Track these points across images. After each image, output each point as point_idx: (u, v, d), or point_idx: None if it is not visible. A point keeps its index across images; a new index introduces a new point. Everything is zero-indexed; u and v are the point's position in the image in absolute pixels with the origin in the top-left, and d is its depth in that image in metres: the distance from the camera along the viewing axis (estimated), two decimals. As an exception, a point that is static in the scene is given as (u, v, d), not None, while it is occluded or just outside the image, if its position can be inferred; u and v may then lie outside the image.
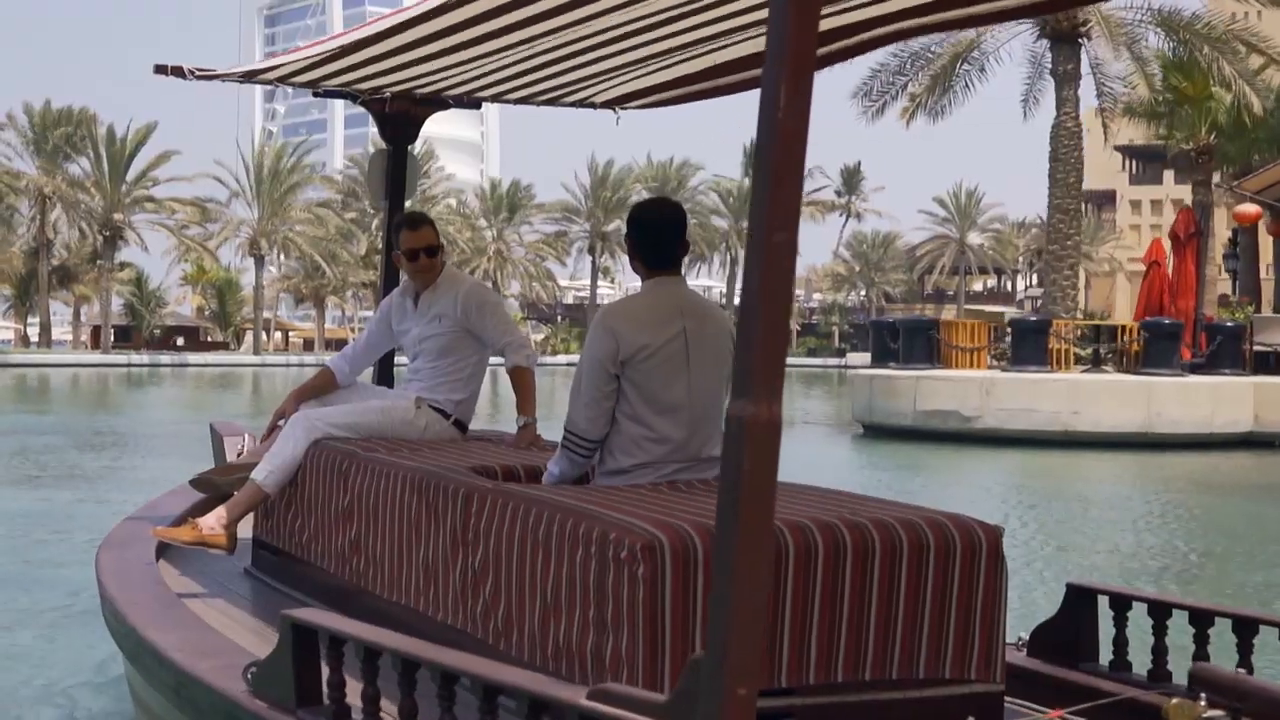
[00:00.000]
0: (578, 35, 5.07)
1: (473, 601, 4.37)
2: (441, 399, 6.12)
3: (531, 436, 6.00)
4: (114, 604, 5.14)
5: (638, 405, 4.49)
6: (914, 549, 3.89)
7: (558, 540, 3.92)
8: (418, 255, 6.12)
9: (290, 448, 5.82)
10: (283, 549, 5.92)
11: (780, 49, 2.38)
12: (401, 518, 4.89)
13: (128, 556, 5.88)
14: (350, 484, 5.30)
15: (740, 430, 2.38)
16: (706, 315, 4.66)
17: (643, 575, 3.59)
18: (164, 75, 6.20)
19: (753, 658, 2.40)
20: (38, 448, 21.67)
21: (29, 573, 10.62)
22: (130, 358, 72.75)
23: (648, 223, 4.66)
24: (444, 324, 6.10)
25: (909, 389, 26.89)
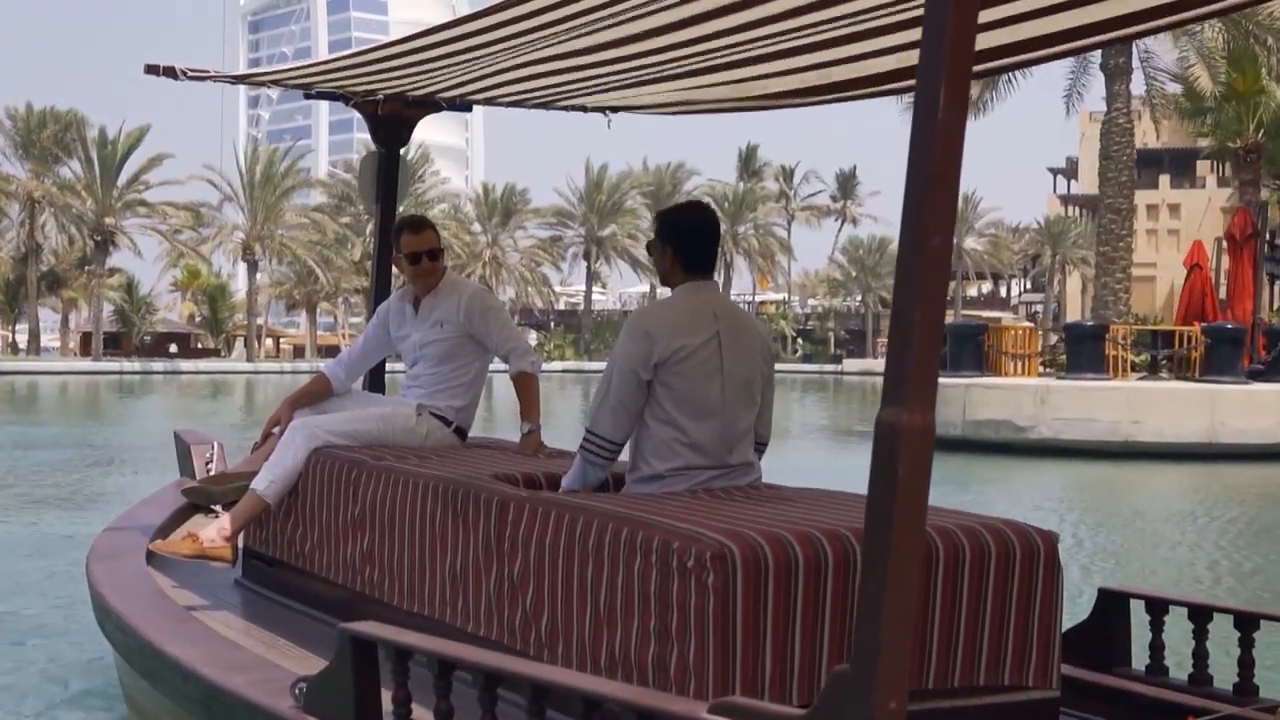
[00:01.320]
0: (571, 42, 5.06)
1: (510, 612, 4.32)
2: (442, 406, 6.03)
3: (536, 443, 5.93)
4: (121, 618, 5.02)
5: (671, 409, 4.47)
6: (975, 555, 3.90)
7: (611, 549, 3.88)
8: (420, 258, 6.03)
9: (291, 456, 5.70)
10: (280, 559, 5.82)
11: (939, 49, 2.36)
12: (424, 527, 4.82)
13: (122, 569, 5.77)
14: (361, 493, 5.22)
15: (895, 437, 2.36)
16: (739, 320, 4.65)
17: (713, 584, 3.55)
18: (155, 75, 6.13)
19: (903, 670, 2.36)
20: (36, 465, 20.36)
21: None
22: (122, 365, 72.45)
23: (687, 226, 4.66)
24: (446, 329, 6.01)
25: (958, 398, 25.62)
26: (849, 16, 4.52)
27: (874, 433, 2.39)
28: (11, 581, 10.51)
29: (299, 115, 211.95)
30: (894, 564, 2.36)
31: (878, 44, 4.92)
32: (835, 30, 4.73)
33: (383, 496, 5.09)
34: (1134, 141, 33.36)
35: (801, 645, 3.66)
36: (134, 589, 5.42)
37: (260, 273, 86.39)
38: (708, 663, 3.57)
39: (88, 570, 5.87)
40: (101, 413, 37.25)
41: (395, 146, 6.85)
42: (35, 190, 75.01)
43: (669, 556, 3.67)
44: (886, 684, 2.35)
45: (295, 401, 6.12)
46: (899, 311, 2.40)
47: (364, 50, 5.62)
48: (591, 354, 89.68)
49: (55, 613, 9.22)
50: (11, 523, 14.05)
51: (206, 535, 5.73)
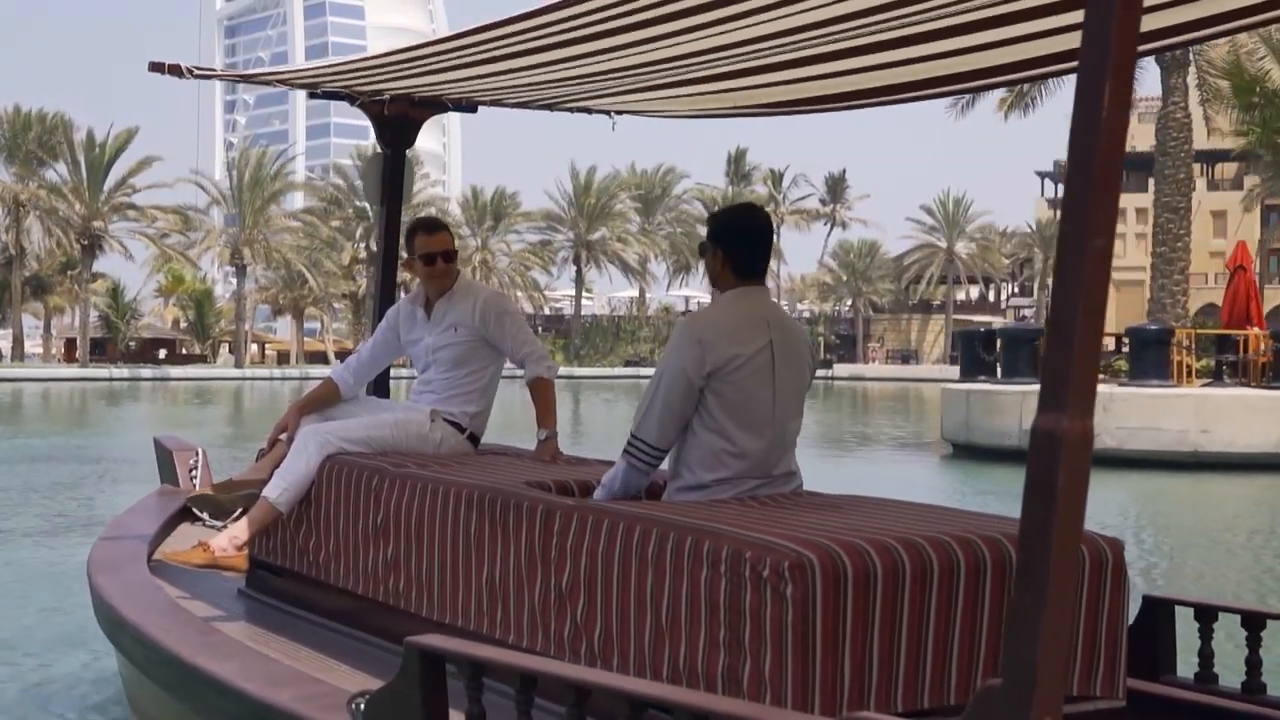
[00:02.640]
0: (581, 51, 5.07)
1: (558, 623, 4.24)
2: (456, 411, 5.93)
3: (553, 450, 5.84)
4: (141, 630, 4.91)
5: (721, 418, 4.40)
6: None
7: (674, 558, 3.82)
8: (434, 260, 5.94)
9: (303, 463, 5.59)
10: (290, 568, 5.71)
11: (1103, 43, 2.30)
12: (456, 536, 4.74)
13: (129, 579, 5.68)
14: (383, 500, 5.12)
15: (1054, 445, 2.30)
16: (790, 328, 4.59)
17: (791, 595, 3.51)
18: (160, 73, 6.02)
19: (1059, 685, 2.31)
20: (48, 482, 18.85)
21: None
22: (111, 371, 71.74)
23: (739, 229, 4.59)
24: (460, 333, 5.91)
25: (1014, 405, 24.53)
26: (858, 28, 4.50)
27: (1030, 440, 2.34)
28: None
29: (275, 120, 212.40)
30: (1052, 576, 2.30)
31: (881, 58, 4.93)
32: (845, 41, 4.72)
33: (408, 504, 5.00)
34: (1192, 137, 32.25)
35: (880, 656, 3.62)
36: (147, 600, 5.32)
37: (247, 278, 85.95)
38: (785, 675, 3.52)
39: (93, 582, 5.77)
40: (98, 422, 36.50)
41: (401, 147, 6.76)
42: (21, 193, 74.43)
43: (740, 566, 3.61)
44: (1043, 700, 2.30)
45: (303, 408, 6.00)
46: (1058, 315, 2.35)
47: (374, 55, 5.59)
48: (581, 359, 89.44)
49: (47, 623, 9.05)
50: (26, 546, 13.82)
51: (218, 545, 5.63)
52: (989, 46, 4.67)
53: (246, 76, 6.12)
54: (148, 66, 6.06)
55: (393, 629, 5.04)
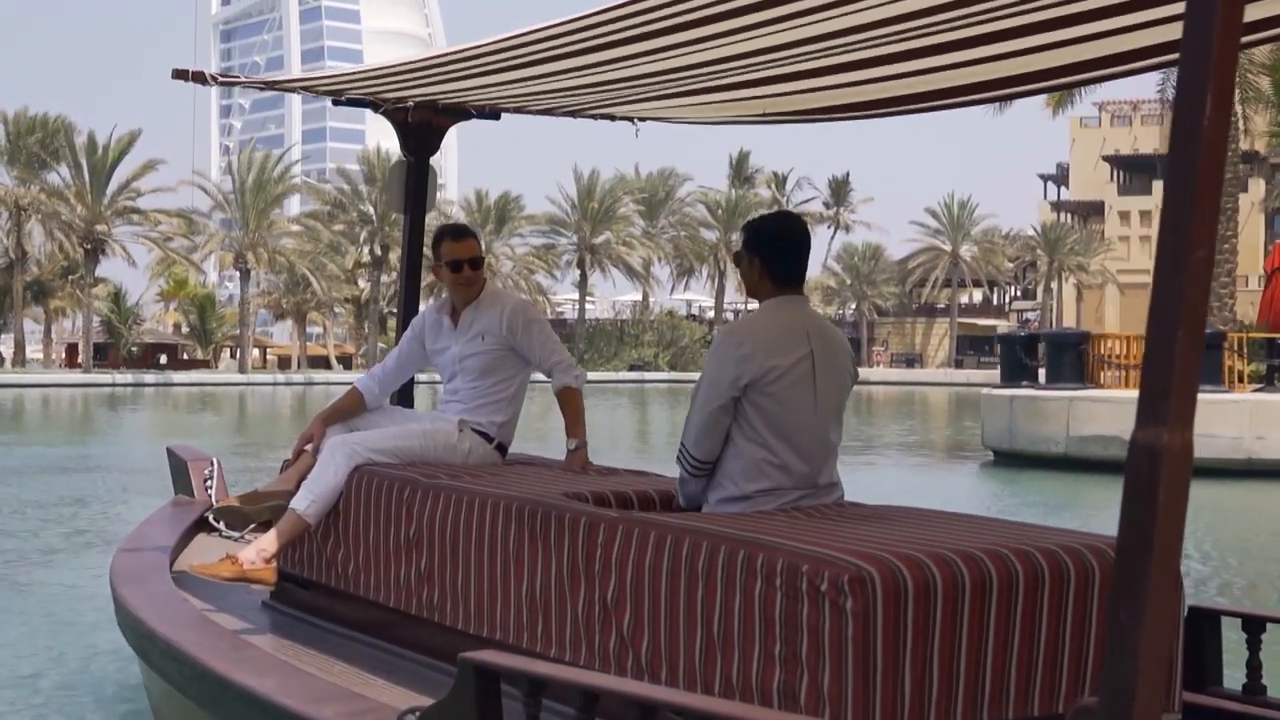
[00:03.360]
0: (606, 58, 5.07)
1: (603, 636, 4.20)
2: (484, 421, 5.87)
3: (583, 460, 5.78)
4: (174, 645, 4.84)
5: (761, 429, 4.36)
6: (1103, 574, 3.85)
7: (726, 571, 3.78)
8: (461, 266, 5.88)
9: (331, 474, 5.53)
10: (316, 581, 5.67)
11: (1204, 49, 2.26)
12: (494, 548, 4.69)
13: (155, 592, 5.62)
14: (416, 512, 5.07)
15: (1154, 460, 2.27)
16: (830, 336, 4.54)
17: (851, 609, 3.47)
18: (184, 80, 5.97)
19: (1157, 705, 2.29)
20: (56, 497, 17.89)
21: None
22: (114, 377, 71.20)
23: (774, 236, 4.54)
24: (487, 342, 5.85)
25: (1060, 411, 24.06)
26: (879, 37, 4.47)
27: (1129, 454, 2.30)
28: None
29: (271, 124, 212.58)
30: (1150, 593, 2.28)
31: (902, 67, 4.91)
32: (864, 51, 4.69)
33: (442, 516, 4.95)
34: (1238, 136, 32.06)
35: (939, 671, 3.58)
36: (176, 613, 5.26)
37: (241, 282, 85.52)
38: (845, 690, 3.48)
39: (117, 594, 5.71)
40: (107, 430, 35.99)
41: (424, 155, 6.73)
42: (23, 197, 74.17)
43: (797, 579, 3.58)
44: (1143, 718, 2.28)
45: (328, 418, 5.94)
46: (1158, 326, 2.31)
47: (399, 63, 5.59)
48: (586, 364, 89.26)
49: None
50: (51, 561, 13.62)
51: (246, 557, 5.55)
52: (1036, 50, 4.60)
53: (271, 83, 6.07)
54: (171, 74, 6.00)
55: (426, 642, 5.01)
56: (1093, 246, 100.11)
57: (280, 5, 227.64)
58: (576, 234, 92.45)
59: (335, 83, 6.04)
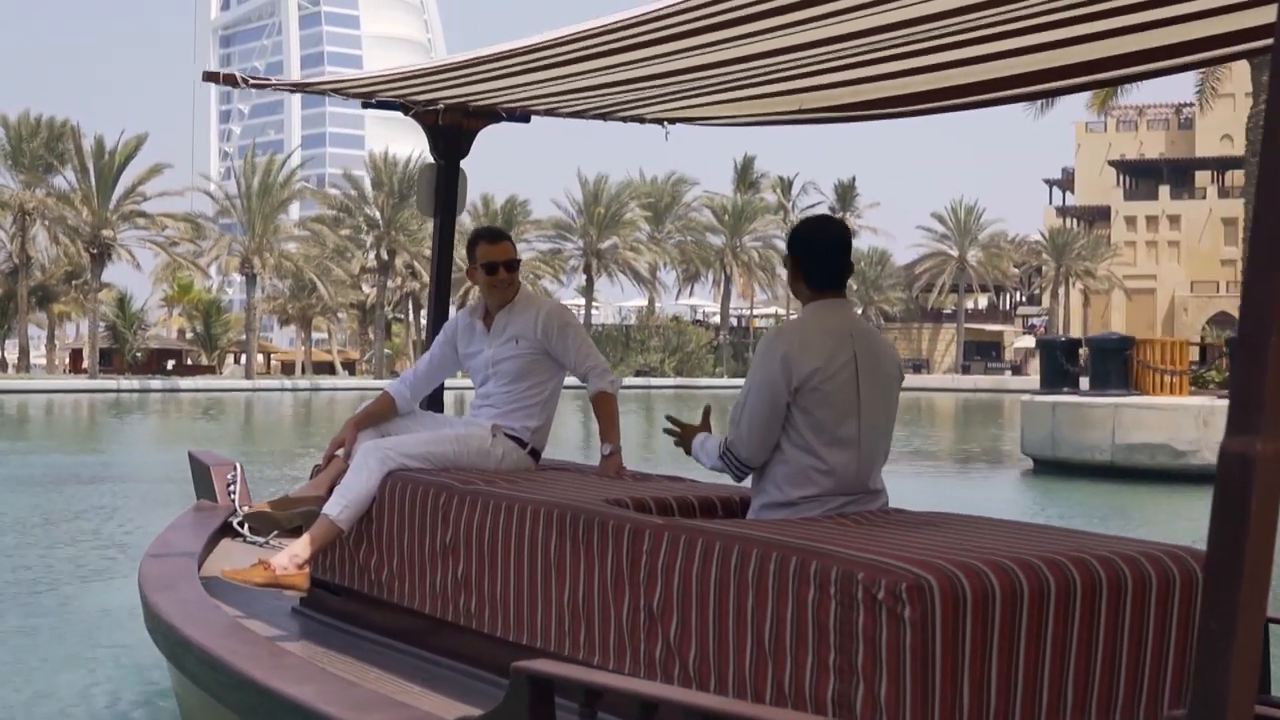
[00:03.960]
0: (637, 57, 5.05)
1: (648, 644, 4.17)
2: (517, 426, 5.83)
3: (618, 465, 5.74)
4: (210, 652, 4.79)
5: (806, 434, 4.35)
6: (1161, 582, 3.83)
7: (777, 579, 3.76)
8: (497, 269, 5.84)
9: (364, 480, 5.50)
10: (349, 587, 5.64)
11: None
12: (534, 554, 4.66)
13: (187, 599, 5.59)
14: (453, 518, 5.04)
15: (1247, 468, 2.22)
16: (875, 340, 4.53)
17: (909, 617, 3.43)
18: (215, 83, 5.92)
19: (1248, 717, 2.25)
20: (80, 508, 17.10)
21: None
22: (120, 383, 70.94)
23: (814, 241, 4.54)
24: (521, 345, 5.81)
25: (1105, 419, 23.49)
26: (919, 32, 4.43)
27: (1219, 463, 2.24)
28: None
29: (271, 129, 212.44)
30: (1242, 604, 2.24)
31: (942, 58, 4.86)
32: (904, 45, 4.66)
33: (479, 522, 4.91)
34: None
35: (998, 680, 3.54)
36: (210, 621, 5.23)
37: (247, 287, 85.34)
38: (903, 700, 3.45)
39: (149, 600, 5.68)
40: (119, 437, 35.29)
41: (455, 158, 6.67)
42: (28, 201, 73.88)
43: (852, 587, 3.54)
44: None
45: (359, 423, 5.90)
46: (1250, 333, 2.25)
47: (429, 65, 5.56)
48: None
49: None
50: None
51: (279, 563, 5.51)
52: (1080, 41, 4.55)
53: (302, 85, 6.03)
54: (202, 76, 5.97)
55: (462, 649, 4.99)
56: (1100, 252, 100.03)
57: (280, 10, 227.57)
58: (583, 239, 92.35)
59: (366, 85, 6.00)
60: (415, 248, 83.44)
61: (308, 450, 28.21)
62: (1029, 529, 4.32)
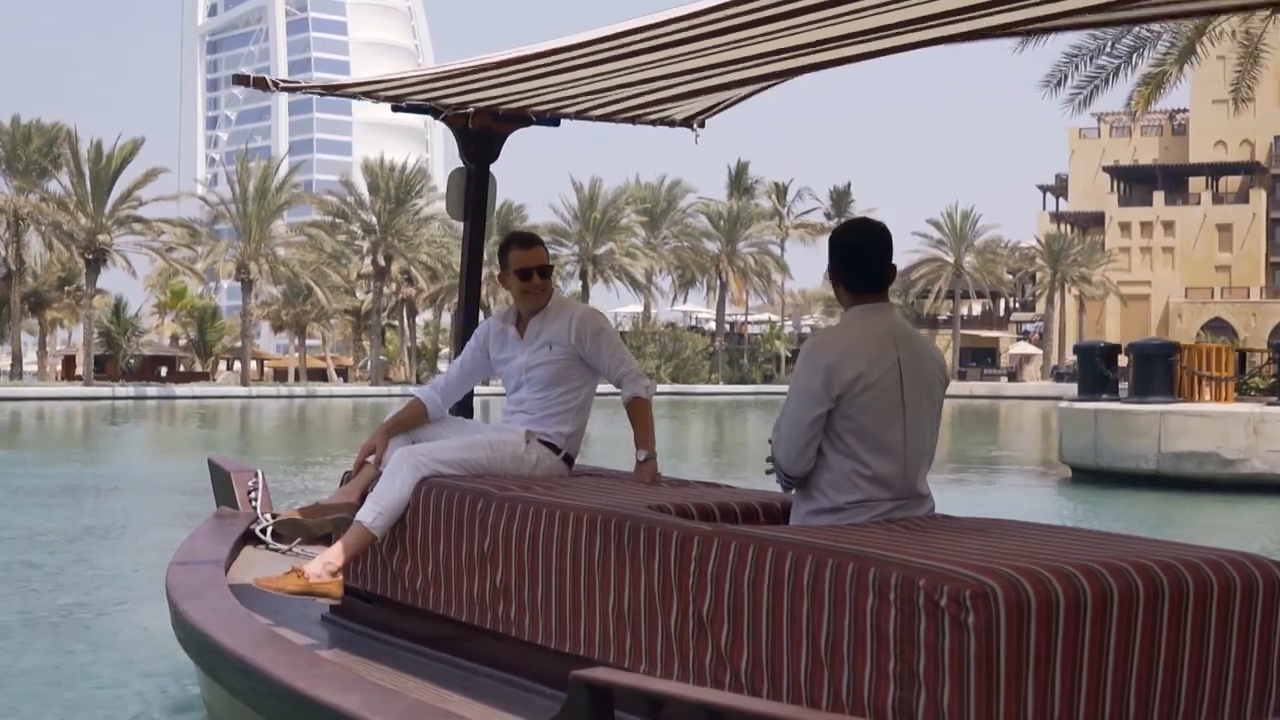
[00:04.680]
0: (666, 60, 5.03)
1: (698, 651, 4.14)
2: (551, 432, 5.79)
3: (653, 471, 5.71)
4: (250, 663, 4.74)
5: (851, 440, 4.32)
6: (1222, 590, 3.81)
7: (833, 585, 3.74)
8: (531, 274, 5.80)
9: (397, 487, 5.46)
10: (381, 594, 5.60)
11: None
12: (577, 561, 4.62)
13: (219, 607, 5.55)
14: (491, 525, 5.00)
15: None
16: (917, 344, 4.49)
17: (974, 624, 3.42)
18: (245, 85, 5.85)
19: None
20: (109, 523, 16.25)
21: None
22: (115, 390, 70.52)
23: (849, 245, 4.53)
24: (555, 351, 5.77)
25: (1151, 426, 22.82)
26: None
27: None
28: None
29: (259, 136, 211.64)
30: None
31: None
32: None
33: (519, 529, 4.87)
34: None
35: (1061, 687, 3.52)
36: (245, 629, 5.19)
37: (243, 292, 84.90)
38: (967, 707, 3.43)
39: (179, 608, 5.63)
40: (124, 445, 34.62)
41: (485, 162, 6.62)
42: (22, 206, 73.37)
43: (913, 594, 3.52)
44: None
45: (390, 429, 5.85)
46: None
47: (461, 67, 5.48)
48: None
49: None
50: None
51: (313, 571, 5.47)
52: None
53: (332, 88, 5.97)
54: (232, 80, 5.91)
55: (501, 657, 4.95)
56: (1095, 258, 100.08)
57: (267, 16, 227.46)
58: (579, 245, 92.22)
59: (396, 87, 5.95)
60: (412, 254, 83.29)
61: (320, 458, 27.98)
62: (1084, 535, 4.29)
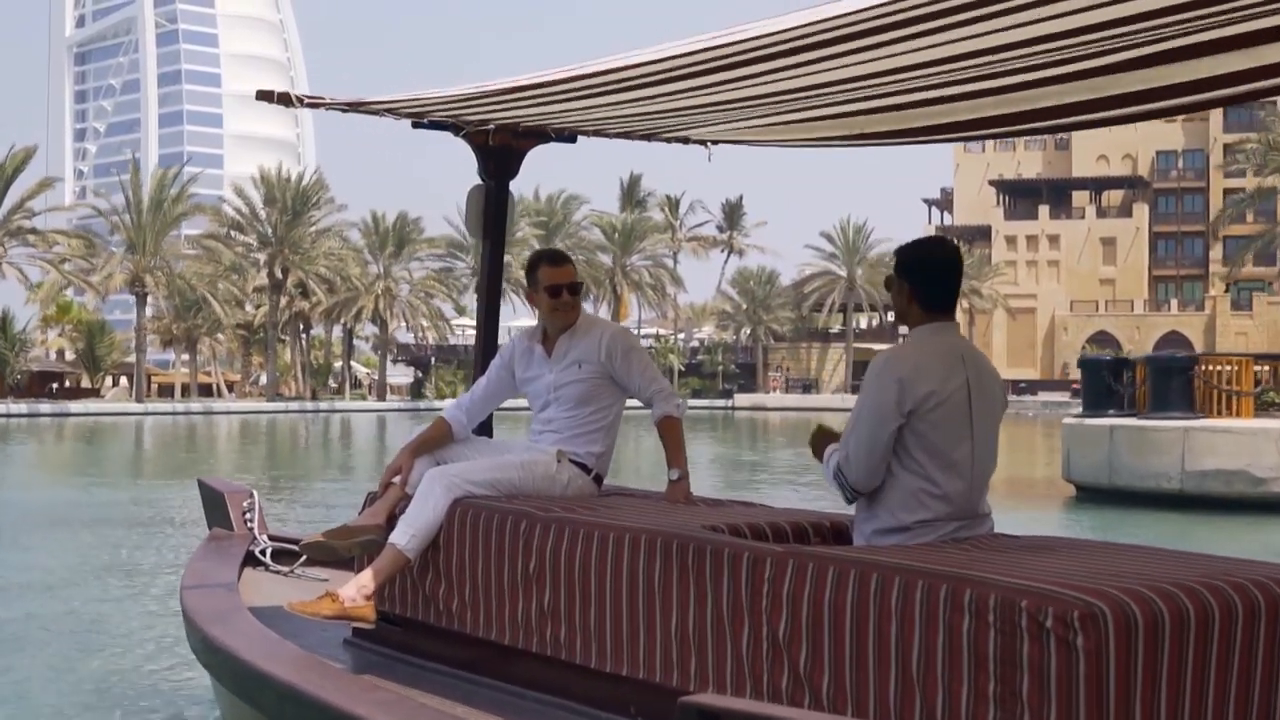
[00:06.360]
0: (688, 89, 5.06)
1: (773, 673, 4.11)
2: (581, 452, 5.74)
3: (685, 491, 5.66)
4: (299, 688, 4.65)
5: (920, 458, 4.31)
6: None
7: (925, 607, 3.71)
8: (560, 292, 5.77)
9: (431, 508, 5.39)
10: (411, 617, 5.52)
11: None
12: (634, 583, 4.58)
13: (247, 631, 5.46)
14: (535, 546, 4.94)
15: None
16: (983, 364, 4.52)
17: (1083, 646, 3.40)
18: (269, 101, 5.75)
19: None
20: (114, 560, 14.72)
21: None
22: (9, 407, 68.38)
23: (930, 262, 4.52)
24: (585, 370, 5.72)
25: (1173, 443, 21.79)
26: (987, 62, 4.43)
27: None
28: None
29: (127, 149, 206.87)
30: None
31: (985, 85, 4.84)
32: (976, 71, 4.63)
33: (569, 550, 4.81)
34: None
35: (1167, 709, 3.52)
36: (282, 654, 5.10)
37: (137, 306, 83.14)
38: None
39: (207, 635, 5.53)
40: (59, 468, 32.99)
41: (504, 179, 6.55)
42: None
43: (1014, 615, 3.50)
44: None
45: (415, 449, 5.77)
46: None
47: (484, 87, 5.46)
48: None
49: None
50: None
51: (347, 595, 5.39)
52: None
53: (355, 105, 5.89)
54: (255, 95, 5.80)
55: (546, 680, 4.90)
56: (984, 271, 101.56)
57: (136, 28, 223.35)
58: (474, 257, 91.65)
59: (419, 106, 5.89)
60: (309, 266, 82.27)
61: (279, 476, 27.18)
62: (1162, 553, 4.29)
